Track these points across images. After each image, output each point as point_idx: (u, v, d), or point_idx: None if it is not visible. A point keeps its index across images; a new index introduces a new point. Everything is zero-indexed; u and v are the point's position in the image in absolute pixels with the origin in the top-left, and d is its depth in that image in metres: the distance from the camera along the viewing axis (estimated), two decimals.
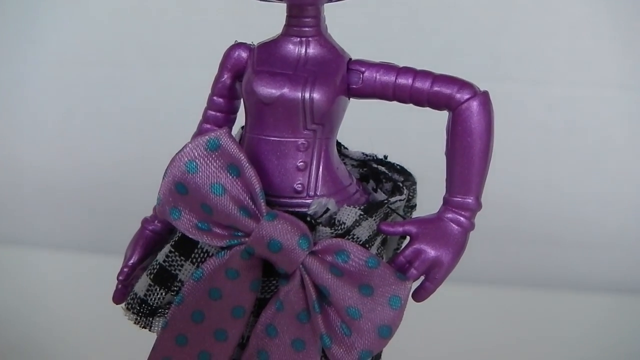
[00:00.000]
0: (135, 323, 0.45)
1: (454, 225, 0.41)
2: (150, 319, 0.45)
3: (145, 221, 0.48)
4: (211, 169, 0.39)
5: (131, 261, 0.47)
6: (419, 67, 0.43)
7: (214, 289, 0.40)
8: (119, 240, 1.03)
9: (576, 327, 0.85)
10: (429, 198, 0.47)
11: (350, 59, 0.42)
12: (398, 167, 0.47)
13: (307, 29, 0.42)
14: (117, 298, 0.48)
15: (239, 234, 0.39)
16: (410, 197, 0.47)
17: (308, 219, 0.40)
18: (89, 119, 1.05)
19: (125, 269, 0.47)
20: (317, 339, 0.39)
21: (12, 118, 1.05)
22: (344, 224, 0.40)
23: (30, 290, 0.90)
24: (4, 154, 1.06)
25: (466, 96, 0.40)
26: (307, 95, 0.40)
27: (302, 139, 0.41)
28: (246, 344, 0.42)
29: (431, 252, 0.41)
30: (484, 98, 0.40)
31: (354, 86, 0.42)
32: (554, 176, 0.98)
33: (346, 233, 0.40)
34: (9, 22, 1.01)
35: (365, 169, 0.47)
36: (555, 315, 0.88)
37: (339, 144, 0.48)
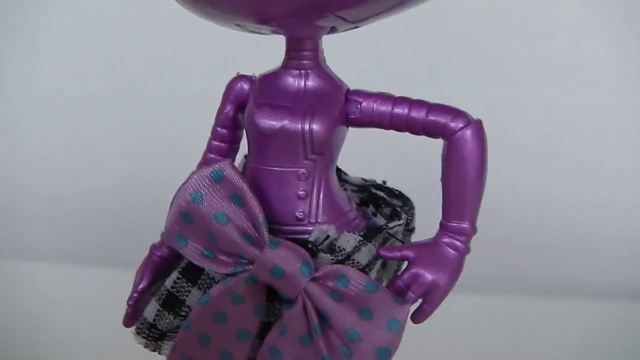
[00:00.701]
0: (145, 347, 0.47)
1: (450, 250, 0.42)
2: (160, 342, 0.46)
3: (154, 247, 0.50)
4: (215, 198, 0.40)
5: (140, 286, 0.49)
6: (417, 73, 0.44)
7: (219, 313, 0.42)
8: (119, 252, 1.05)
9: (575, 333, 0.86)
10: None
11: (348, 89, 0.44)
12: (396, 192, 0.49)
13: (305, 61, 0.43)
14: (127, 322, 0.49)
15: (243, 261, 0.41)
16: (408, 221, 0.48)
17: (309, 245, 0.42)
18: (90, 130, 1.05)
19: (135, 294, 0.49)
20: None
21: (13, 130, 1.06)
22: (344, 249, 0.42)
23: (31, 303, 0.90)
24: (5, 166, 1.06)
25: (460, 125, 0.41)
26: (306, 127, 0.41)
27: (303, 169, 0.43)
28: None
29: (428, 276, 0.42)
30: (477, 127, 0.42)
31: (352, 116, 0.43)
32: (552, 181, 0.99)
33: (346, 258, 0.42)
34: (10, 35, 1.02)
35: (365, 194, 0.49)
36: (554, 321, 0.88)
37: (339, 170, 0.49)
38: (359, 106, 0.43)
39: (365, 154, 0.66)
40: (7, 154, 1.06)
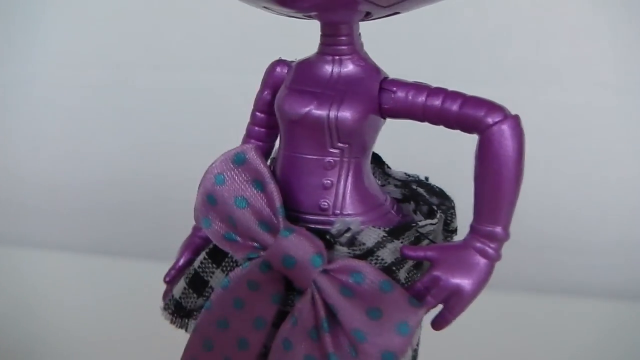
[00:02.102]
0: (171, 323, 0.47)
1: (479, 256, 0.40)
2: (186, 320, 0.47)
3: (195, 228, 0.50)
4: (237, 182, 0.40)
5: (178, 264, 0.49)
6: (419, 72, 0.43)
7: (237, 298, 0.42)
8: (118, 241, 1.07)
9: (575, 333, 0.85)
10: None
11: (386, 77, 0.42)
12: (437, 189, 0.47)
13: (341, 47, 0.41)
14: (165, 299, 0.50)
15: (258, 246, 0.40)
16: (448, 221, 0.46)
17: (327, 237, 0.40)
18: (90, 120, 1.07)
19: (172, 271, 0.49)
20: (326, 358, 0.39)
21: (13, 120, 1.08)
22: (364, 244, 0.40)
23: (31, 292, 0.92)
24: (5, 156, 1.09)
25: (496, 119, 0.39)
26: (332, 114, 0.40)
27: (329, 157, 0.41)
28: (267, 354, 0.43)
29: (451, 281, 0.40)
30: (515, 121, 0.39)
31: (386, 105, 0.41)
32: (553, 181, 0.98)
33: (368, 254, 0.40)
34: (9, 25, 1.05)
35: (407, 190, 0.47)
36: (554, 321, 0.88)
37: (382, 163, 0.48)
38: (392, 95, 0.41)
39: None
40: (6, 144, 1.09)
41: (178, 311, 0.46)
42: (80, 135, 1.07)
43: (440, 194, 0.46)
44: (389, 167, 0.49)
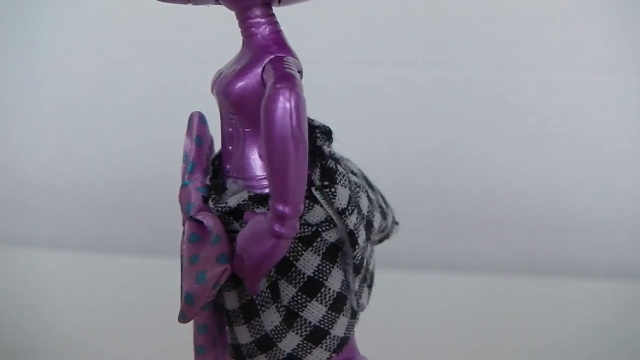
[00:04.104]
0: None
1: (268, 232, 0.40)
2: None
3: None
4: (187, 140, 0.49)
5: None
6: (416, 55, 0.42)
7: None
8: (118, 238, 1.07)
9: (577, 313, 0.84)
10: None
11: (274, 57, 0.44)
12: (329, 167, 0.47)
13: (245, 30, 0.46)
14: None
15: None
16: (332, 200, 0.45)
17: (210, 193, 0.46)
18: (88, 117, 1.08)
19: None
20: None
21: (11, 117, 1.10)
22: (227, 204, 0.44)
23: (33, 290, 0.93)
24: (4, 154, 1.11)
25: (278, 85, 0.38)
26: (223, 88, 0.45)
27: (229, 127, 0.46)
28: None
29: (240, 250, 0.42)
30: (289, 94, 0.38)
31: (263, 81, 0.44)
32: (551, 162, 0.98)
33: (230, 213, 0.45)
34: (5, 22, 1.06)
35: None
36: (555, 301, 0.87)
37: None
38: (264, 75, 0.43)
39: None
40: (5, 142, 1.11)
41: None
42: (79, 133, 1.09)
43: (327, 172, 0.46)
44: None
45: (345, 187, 0.44)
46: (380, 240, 0.52)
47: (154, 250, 0.96)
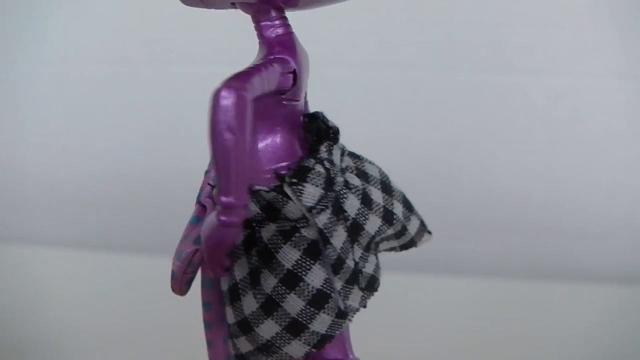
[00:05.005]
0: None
1: (216, 221, 0.42)
2: None
3: None
4: None
5: None
6: (423, 58, 0.42)
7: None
8: (123, 236, 1.07)
9: (579, 317, 0.84)
10: None
11: (273, 57, 0.46)
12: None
13: (257, 32, 0.48)
14: None
15: None
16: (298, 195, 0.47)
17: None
18: (93, 116, 1.08)
19: None
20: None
21: (16, 116, 1.10)
22: None
23: (34, 288, 0.92)
24: (8, 152, 1.11)
25: (224, 82, 0.40)
26: None
27: None
28: None
29: (201, 229, 0.45)
30: (226, 92, 0.40)
31: None
32: (556, 165, 0.98)
33: None
34: (12, 21, 1.06)
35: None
36: (558, 304, 0.88)
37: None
38: None
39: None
40: (10, 140, 1.11)
41: None
42: (84, 131, 1.09)
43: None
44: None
45: (317, 186, 0.45)
46: (404, 247, 0.53)
47: (157, 249, 0.96)
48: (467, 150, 1.00)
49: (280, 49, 0.46)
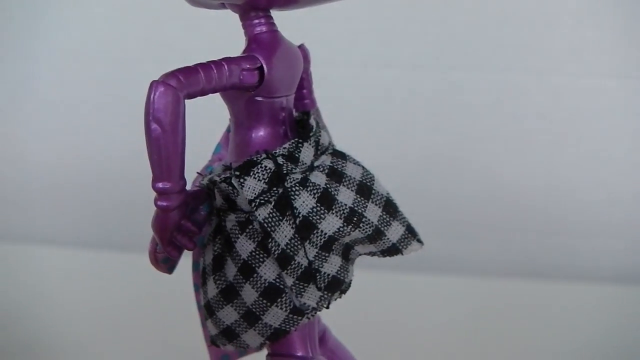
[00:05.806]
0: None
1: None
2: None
3: None
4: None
5: None
6: (423, 58, 0.42)
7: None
8: (125, 236, 1.07)
9: (581, 318, 0.84)
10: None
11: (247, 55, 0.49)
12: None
13: (244, 31, 0.50)
14: None
15: None
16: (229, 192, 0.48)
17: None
18: (95, 115, 1.08)
19: None
20: None
21: (18, 114, 1.09)
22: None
23: (36, 287, 0.93)
24: (10, 151, 1.10)
25: (157, 79, 0.45)
26: None
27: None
28: None
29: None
30: (157, 85, 0.46)
31: None
32: (557, 166, 0.98)
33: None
34: (14, 20, 1.06)
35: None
36: (559, 305, 0.87)
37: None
38: None
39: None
40: (10, 138, 1.10)
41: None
42: (84, 130, 1.09)
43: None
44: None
45: (260, 180, 0.45)
46: (386, 253, 0.50)
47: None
48: (467, 150, 1.00)
49: (255, 47, 0.47)
